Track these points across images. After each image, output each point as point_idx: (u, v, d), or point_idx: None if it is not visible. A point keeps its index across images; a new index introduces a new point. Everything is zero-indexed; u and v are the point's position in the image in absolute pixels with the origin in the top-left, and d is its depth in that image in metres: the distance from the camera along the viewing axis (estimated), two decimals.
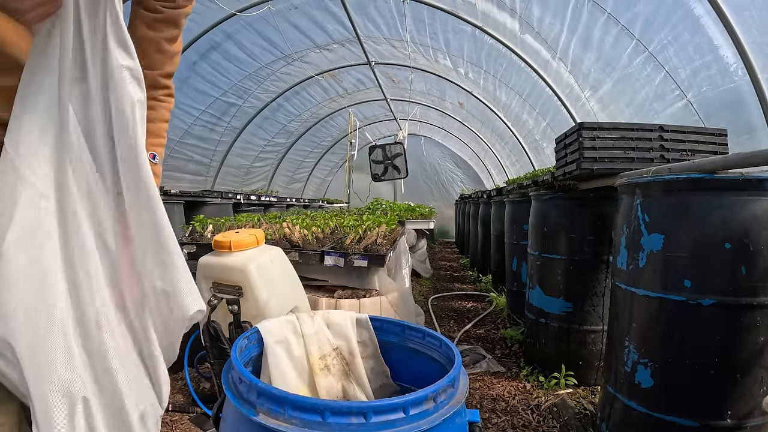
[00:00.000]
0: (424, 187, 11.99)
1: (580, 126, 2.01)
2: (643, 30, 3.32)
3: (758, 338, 1.32)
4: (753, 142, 2.75)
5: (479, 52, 5.42)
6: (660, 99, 3.53)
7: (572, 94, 4.60)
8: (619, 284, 1.64)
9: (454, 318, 3.80)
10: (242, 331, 1.28)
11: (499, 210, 4.43)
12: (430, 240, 9.50)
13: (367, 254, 2.18)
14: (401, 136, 7.86)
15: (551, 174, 2.48)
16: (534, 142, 6.47)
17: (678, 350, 1.40)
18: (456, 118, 9.01)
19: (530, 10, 4.03)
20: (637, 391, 1.51)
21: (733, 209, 1.33)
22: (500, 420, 2.02)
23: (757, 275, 1.31)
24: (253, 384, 0.58)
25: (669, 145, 1.97)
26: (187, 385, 2.02)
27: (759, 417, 1.35)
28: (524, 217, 3.11)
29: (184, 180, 6.78)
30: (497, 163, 9.06)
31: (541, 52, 4.49)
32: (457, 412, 0.61)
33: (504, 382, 2.44)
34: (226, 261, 1.49)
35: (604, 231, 2.28)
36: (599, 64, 4.01)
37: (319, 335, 0.95)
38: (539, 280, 2.53)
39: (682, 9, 2.88)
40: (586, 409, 2.06)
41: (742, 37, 2.56)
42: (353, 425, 0.53)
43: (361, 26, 5.33)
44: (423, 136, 11.67)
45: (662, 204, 1.47)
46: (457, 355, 0.72)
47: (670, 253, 1.42)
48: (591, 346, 2.32)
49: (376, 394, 0.96)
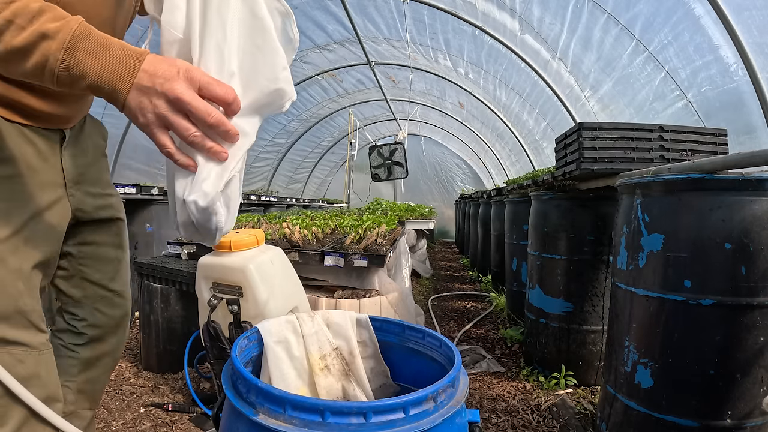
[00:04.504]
0: (424, 187, 11.99)
1: (580, 126, 2.01)
2: (643, 30, 3.32)
3: (758, 338, 1.32)
4: (753, 142, 2.75)
5: (479, 52, 5.43)
6: (660, 99, 3.53)
7: (572, 94, 4.60)
8: (619, 284, 1.64)
9: (454, 318, 3.80)
10: (242, 331, 1.27)
11: (499, 210, 4.43)
12: (430, 240, 9.49)
13: (367, 254, 2.18)
14: (401, 136, 7.86)
15: (551, 174, 2.48)
16: (534, 142, 6.47)
17: (678, 350, 1.40)
18: (456, 118, 9.01)
19: (530, 10, 4.03)
20: (637, 391, 1.51)
21: (733, 209, 1.33)
22: (500, 420, 2.02)
23: (757, 275, 1.31)
24: (253, 384, 0.58)
25: (669, 145, 1.97)
26: (187, 385, 2.02)
27: (759, 417, 1.35)
28: (524, 217, 3.11)
29: None
30: (497, 163, 9.07)
31: (541, 52, 4.49)
32: (457, 412, 0.61)
33: (504, 382, 2.44)
34: (226, 261, 1.49)
35: (604, 231, 2.28)
36: (599, 65, 4.01)
37: (319, 335, 0.95)
38: (539, 280, 2.53)
39: (682, 9, 2.88)
40: (586, 409, 2.06)
41: (742, 37, 2.56)
42: (353, 425, 0.53)
43: (361, 26, 5.33)
44: (423, 136, 11.68)
45: (662, 204, 1.47)
46: (457, 355, 0.72)
47: (670, 253, 1.42)
48: (591, 346, 2.32)
49: (376, 394, 0.96)
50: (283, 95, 0.71)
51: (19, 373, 0.81)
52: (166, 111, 0.62)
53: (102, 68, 0.61)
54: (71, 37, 0.60)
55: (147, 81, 0.61)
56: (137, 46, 0.65)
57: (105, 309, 1.10)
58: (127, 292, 1.17)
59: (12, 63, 0.62)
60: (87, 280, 1.06)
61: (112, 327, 1.12)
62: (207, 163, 0.67)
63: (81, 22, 0.62)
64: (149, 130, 0.65)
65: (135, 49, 0.63)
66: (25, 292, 0.82)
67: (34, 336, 0.84)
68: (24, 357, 0.82)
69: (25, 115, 0.82)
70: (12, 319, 0.81)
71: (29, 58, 0.60)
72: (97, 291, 1.08)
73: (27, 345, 0.83)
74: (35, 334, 0.85)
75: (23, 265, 0.82)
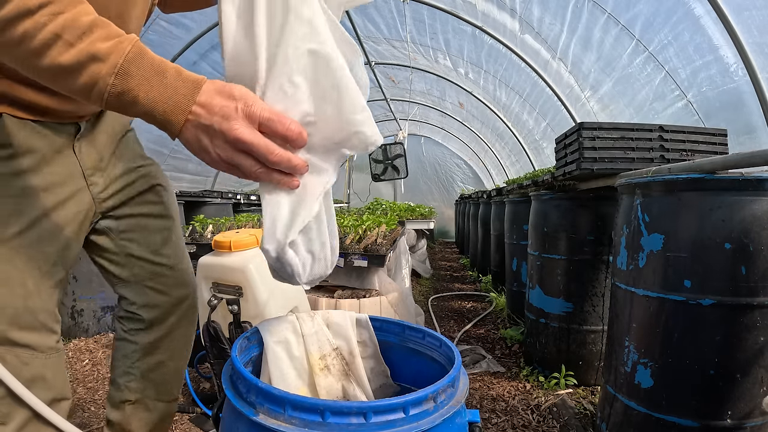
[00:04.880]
0: (424, 187, 11.98)
1: (580, 126, 2.01)
2: (643, 30, 3.32)
3: (758, 338, 1.32)
4: (753, 142, 2.75)
5: (479, 52, 5.42)
6: (660, 99, 3.53)
7: (572, 94, 4.60)
8: (619, 284, 1.64)
9: (454, 318, 3.80)
10: (242, 331, 1.27)
11: (499, 210, 4.43)
12: (430, 240, 9.49)
13: (367, 254, 2.18)
14: (401, 136, 7.85)
15: (551, 174, 2.48)
16: (534, 142, 6.47)
17: (678, 350, 1.40)
18: (456, 118, 9.01)
19: (530, 10, 4.03)
20: (637, 391, 1.51)
21: (733, 209, 1.33)
22: (500, 420, 2.02)
23: (757, 275, 1.31)
24: (253, 384, 0.58)
25: (669, 145, 1.97)
26: (187, 385, 2.02)
27: (759, 417, 1.35)
28: (524, 217, 3.11)
29: (184, 180, 6.78)
30: (497, 163, 9.06)
31: (541, 52, 4.49)
32: (457, 412, 0.61)
33: (504, 382, 2.44)
34: (226, 261, 1.49)
35: (604, 231, 2.28)
36: (599, 65, 4.01)
37: (319, 335, 0.95)
38: (539, 280, 2.53)
39: (682, 9, 2.88)
40: (586, 409, 2.06)
41: (742, 37, 2.55)
42: (353, 425, 0.53)
43: (360, 26, 5.33)
44: (423, 136, 11.67)
45: (662, 204, 1.47)
46: (457, 355, 0.72)
47: (670, 253, 1.42)
48: (591, 346, 2.32)
49: (376, 394, 0.96)
50: (364, 139, 0.65)
51: (23, 375, 0.80)
52: (228, 151, 0.60)
53: (155, 98, 0.57)
54: (123, 61, 0.55)
55: (204, 118, 0.58)
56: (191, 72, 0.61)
57: (158, 286, 1.03)
58: (182, 264, 1.08)
59: (58, 80, 0.57)
60: (132, 256, 1.00)
61: (171, 306, 1.05)
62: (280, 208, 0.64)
63: (135, 42, 0.57)
64: (217, 168, 0.63)
65: (191, 76, 0.59)
66: (34, 292, 0.81)
67: (41, 337, 0.83)
68: (29, 359, 0.81)
69: (35, 112, 0.80)
70: (20, 320, 0.80)
71: (77, 79, 0.56)
72: (144, 267, 1.02)
73: (33, 348, 0.82)
74: (43, 336, 0.84)
75: (32, 263, 0.81)
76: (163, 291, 1.04)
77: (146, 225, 1.03)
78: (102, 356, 2.64)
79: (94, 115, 0.95)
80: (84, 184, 0.90)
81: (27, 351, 0.81)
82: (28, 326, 0.81)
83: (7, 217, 0.77)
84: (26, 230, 0.80)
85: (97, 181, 0.93)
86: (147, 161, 1.06)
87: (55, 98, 0.80)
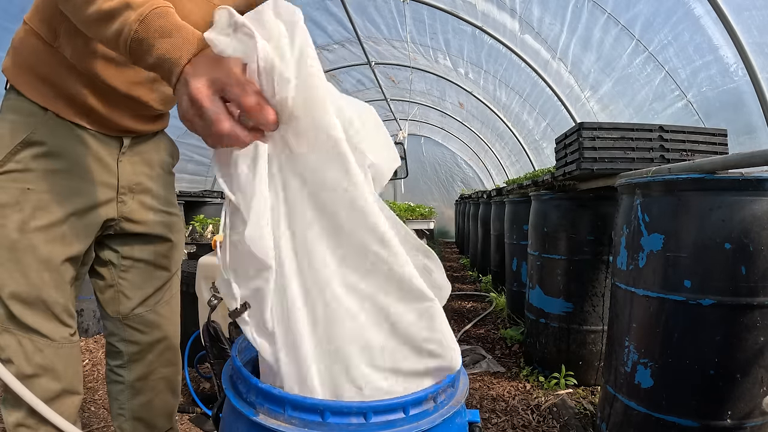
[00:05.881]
0: (424, 187, 11.98)
1: (580, 126, 2.01)
2: (643, 30, 3.32)
3: (758, 338, 1.32)
4: (753, 142, 2.75)
5: (479, 52, 5.42)
6: (660, 99, 3.53)
7: (572, 94, 4.60)
8: (619, 284, 1.64)
9: (454, 318, 3.80)
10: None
11: (499, 210, 4.43)
12: (430, 240, 9.49)
13: None
14: (401, 136, 7.86)
15: (551, 174, 2.48)
16: (534, 142, 6.47)
17: (678, 350, 1.40)
18: (456, 118, 9.01)
19: (530, 10, 4.03)
20: (637, 392, 1.51)
21: (733, 209, 1.33)
22: (500, 420, 2.02)
23: (757, 275, 1.31)
24: (252, 384, 0.58)
25: (669, 145, 1.97)
26: (187, 385, 2.02)
27: (759, 417, 1.35)
28: (524, 217, 3.11)
29: (184, 180, 6.77)
30: (497, 163, 9.06)
31: (541, 52, 4.49)
32: (457, 412, 0.61)
33: (504, 382, 2.44)
34: None
35: (604, 231, 2.28)
36: (599, 65, 4.01)
37: None
38: (539, 280, 2.53)
39: (682, 9, 2.88)
40: (586, 409, 2.06)
41: (742, 37, 2.55)
42: (353, 425, 0.53)
43: (361, 26, 5.32)
44: (423, 136, 11.66)
45: (662, 204, 1.47)
46: None
47: (670, 253, 1.42)
48: (591, 346, 2.32)
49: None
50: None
51: (36, 361, 0.83)
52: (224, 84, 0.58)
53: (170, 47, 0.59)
54: (150, 11, 0.61)
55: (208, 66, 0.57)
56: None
57: (137, 325, 1.05)
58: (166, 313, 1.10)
59: (99, 26, 0.64)
60: (123, 294, 1.03)
61: (147, 344, 1.06)
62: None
63: (166, 3, 0.63)
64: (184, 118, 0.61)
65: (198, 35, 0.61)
66: (50, 284, 0.84)
67: (55, 328, 0.86)
68: (44, 347, 0.84)
69: (80, 112, 0.84)
70: (34, 307, 0.82)
71: (111, 24, 0.62)
72: (128, 305, 1.04)
73: (46, 336, 0.84)
74: (57, 327, 0.86)
75: (54, 256, 0.83)
76: (140, 330, 1.06)
77: (147, 272, 1.05)
78: (102, 356, 2.64)
79: (146, 137, 0.99)
80: (115, 196, 0.93)
81: (41, 338, 0.84)
82: (43, 315, 0.84)
83: (33, 210, 0.81)
84: (52, 226, 0.83)
85: (127, 201, 0.96)
86: (175, 210, 1.09)
87: (100, 101, 0.85)
